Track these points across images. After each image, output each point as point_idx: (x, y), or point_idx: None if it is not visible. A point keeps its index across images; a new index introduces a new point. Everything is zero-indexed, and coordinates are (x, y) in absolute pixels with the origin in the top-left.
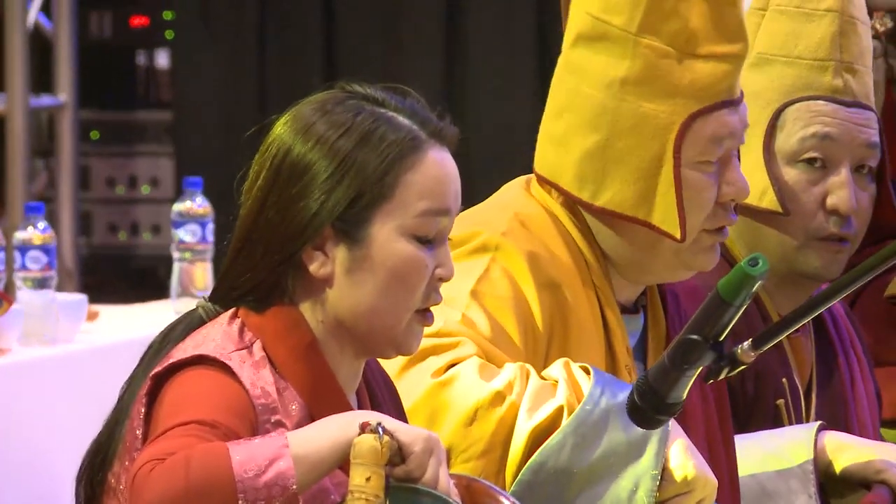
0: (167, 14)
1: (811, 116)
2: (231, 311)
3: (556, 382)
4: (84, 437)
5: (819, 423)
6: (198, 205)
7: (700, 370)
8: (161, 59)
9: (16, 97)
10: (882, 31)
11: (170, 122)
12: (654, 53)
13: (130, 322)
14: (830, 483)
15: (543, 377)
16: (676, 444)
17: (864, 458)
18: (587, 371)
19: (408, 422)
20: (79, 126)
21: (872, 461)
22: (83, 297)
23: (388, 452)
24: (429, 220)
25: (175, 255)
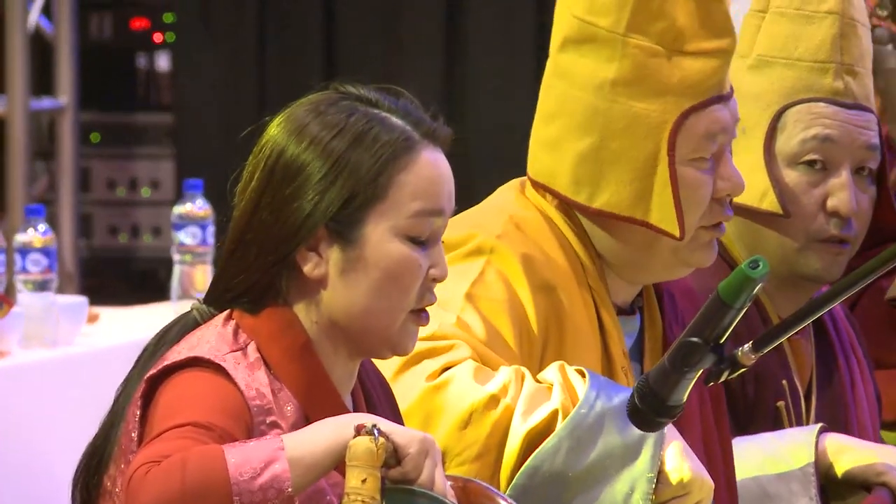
0: (167, 16)
1: (812, 118)
2: (225, 313)
3: (552, 386)
4: (84, 440)
5: (820, 426)
6: (198, 207)
7: (700, 373)
8: (161, 62)
9: (16, 99)
10: (884, 17)
11: (170, 125)
12: (643, 53)
13: (131, 324)
14: (831, 485)
15: (539, 380)
16: (672, 447)
17: (865, 461)
18: (583, 374)
19: (404, 424)
20: (79, 128)
21: (873, 463)
22: (83, 300)
23: (384, 454)
24: (422, 221)
25: (175, 258)
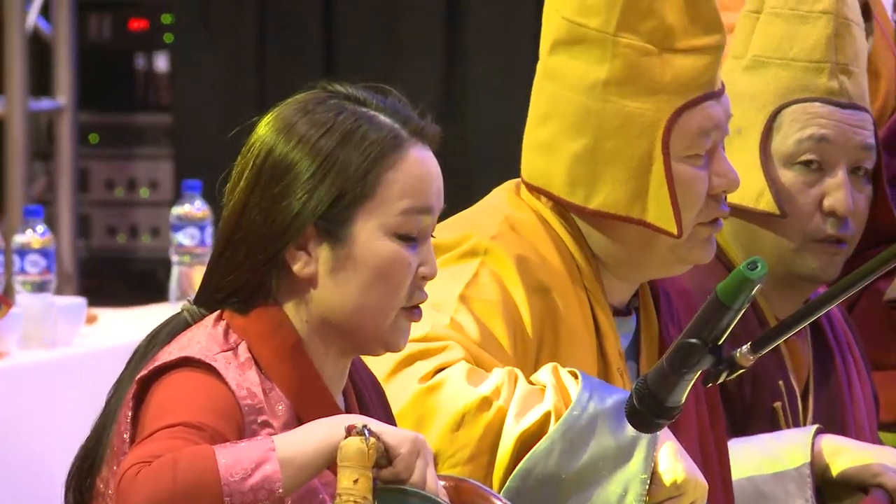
0: (166, 17)
1: (807, 118)
2: (216, 314)
3: (544, 387)
4: (83, 441)
5: (816, 427)
6: (196, 208)
7: (699, 374)
8: (160, 62)
9: (15, 100)
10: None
11: (169, 125)
12: (634, 52)
13: (129, 325)
14: (827, 487)
15: (532, 382)
16: (665, 448)
17: (862, 462)
18: (575, 376)
19: (396, 424)
20: (78, 129)
21: (869, 464)
22: (82, 301)
23: (375, 454)
24: (411, 219)
25: (174, 259)
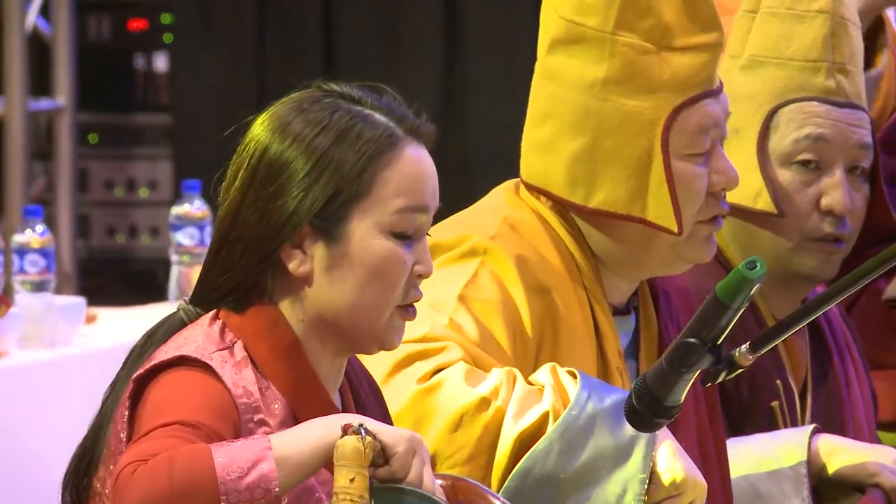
0: (165, 17)
1: (804, 118)
2: (212, 313)
3: (543, 388)
4: (79, 440)
5: (813, 427)
6: (196, 208)
7: (698, 373)
8: (159, 62)
9: (14, 100)
10: None
11: (168, 125)
12: (633, 50)
13: (128, 325)
14: (824, 487)
15: (530, 382)
16: (664, 447)
17: (857, 461)
18: (574, 376)
19: (393, 424)
20: (77, 129)
21: (865, 463)
22: (81, 300)
23: (371, 453)
24: (406, 217)
25: (173, 258)
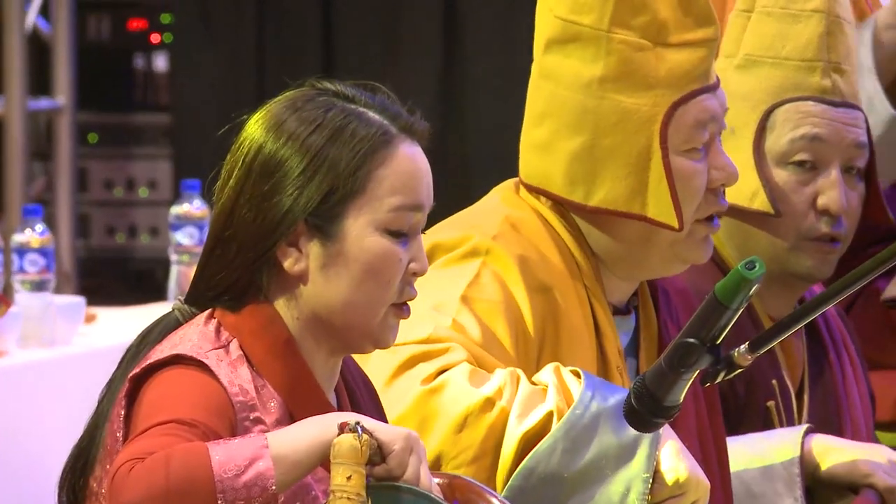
0: (165, 17)
1: (800, 117)
2: (207, 312)
3: (546, 388)
4: (76, 440)
5: (807, 426)
6: (195, 207)
7: (697, 373)
8: (159, 62)
9: (14, 100)
10: None
11: (168, 125)
12: (629, 48)
13: (128, 324)
14: (818, 488)
15: (534, 382)
16: (668, 447)
17: (849, 459)
18: (578, 375)
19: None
20: (77, 129)
21: (858, 463)
22: (81, 300)
23: (368, 451)
24: (401, 215)
25: (173, 258)
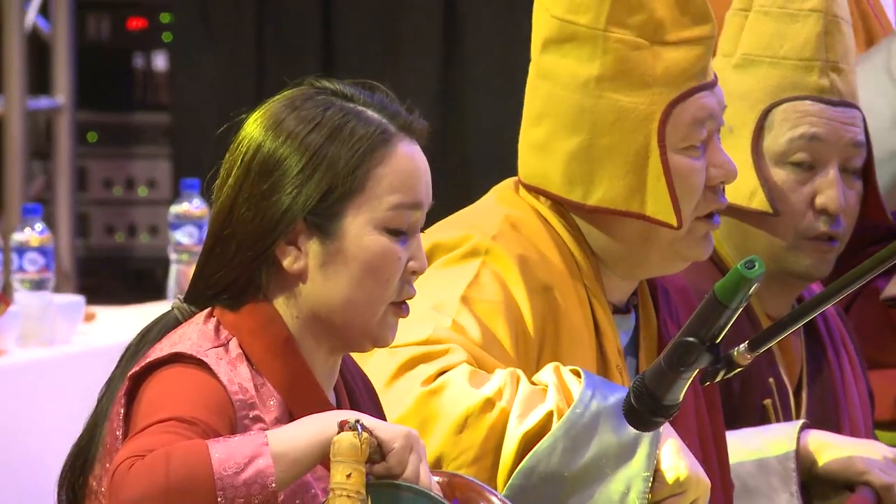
0: (165, 16)
1: (798, 117)
2: (206, 311)
3: (546, 388)
4: (75, 439)
5: (803, 422)
6: (195, 207)
7: (696, 372)
8: (159, 62)
9: (13, 99)
10: None
11: (167, 124)
12: (625, 46)
13: (127, 323)
14: (814, 484)
15: (534, 382)
16: (668, 445)
17: (845, 455)
18: (578, 374)
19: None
20: (76, 128)
21: (852, 459)
22: (80, 299)
23: (368, 449)
24: (400, 214)
25: (172, 257)
